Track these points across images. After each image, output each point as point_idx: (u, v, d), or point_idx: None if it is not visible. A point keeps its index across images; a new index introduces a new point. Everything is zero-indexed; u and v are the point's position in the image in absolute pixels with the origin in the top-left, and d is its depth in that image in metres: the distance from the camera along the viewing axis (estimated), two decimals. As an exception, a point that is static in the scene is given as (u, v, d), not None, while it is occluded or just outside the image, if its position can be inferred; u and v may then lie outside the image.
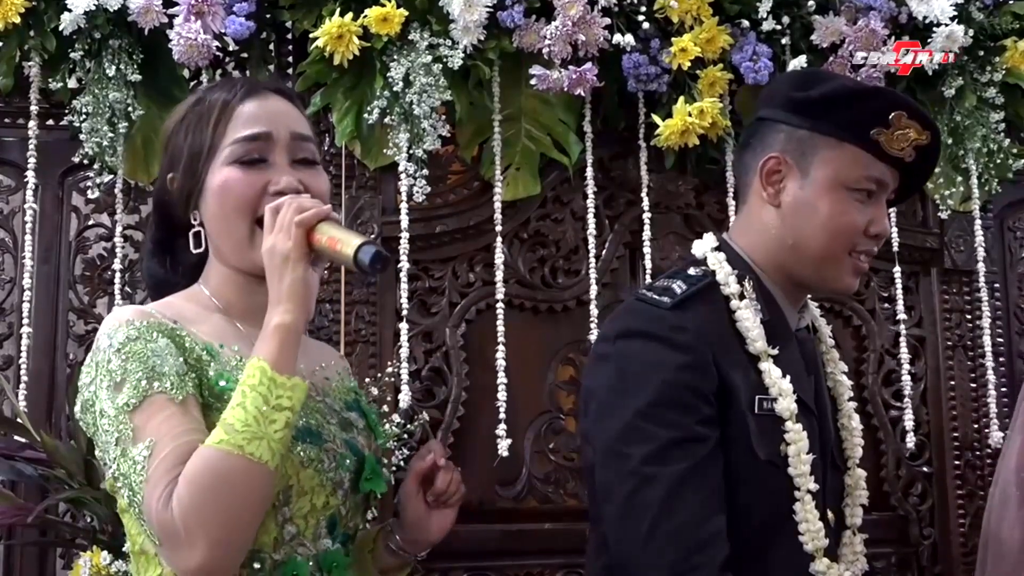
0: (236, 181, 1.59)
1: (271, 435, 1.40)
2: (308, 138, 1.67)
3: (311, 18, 2.57)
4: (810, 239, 1.79)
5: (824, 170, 1.79)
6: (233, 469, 1.38)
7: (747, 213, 1.89)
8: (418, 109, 2.50)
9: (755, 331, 1.76)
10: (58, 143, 2.65)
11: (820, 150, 1.79)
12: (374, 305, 2.61)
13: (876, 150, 1.77)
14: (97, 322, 2.66)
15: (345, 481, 1.59)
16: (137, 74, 2.54)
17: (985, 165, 2.83)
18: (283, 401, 1.42)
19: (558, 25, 2.54)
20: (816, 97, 1.81)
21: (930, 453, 2.90)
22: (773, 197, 1.82)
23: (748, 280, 1.81)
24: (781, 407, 1.73)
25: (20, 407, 2.48)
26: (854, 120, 1.78)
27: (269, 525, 1.50)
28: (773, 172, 1.83)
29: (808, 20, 2.73)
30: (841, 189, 1.78)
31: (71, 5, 2.46)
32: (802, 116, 1.81)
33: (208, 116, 1.63)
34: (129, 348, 1.49)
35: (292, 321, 1.47)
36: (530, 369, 2.74)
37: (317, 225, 1.50)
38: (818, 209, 1.79)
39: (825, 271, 1.81)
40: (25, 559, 2.60)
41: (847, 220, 1.78)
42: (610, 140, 2.78)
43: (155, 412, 1.45)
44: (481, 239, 2.70)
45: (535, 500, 2.72)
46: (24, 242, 2.59)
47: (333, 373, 1.76)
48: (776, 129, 1.84)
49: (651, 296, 1.77)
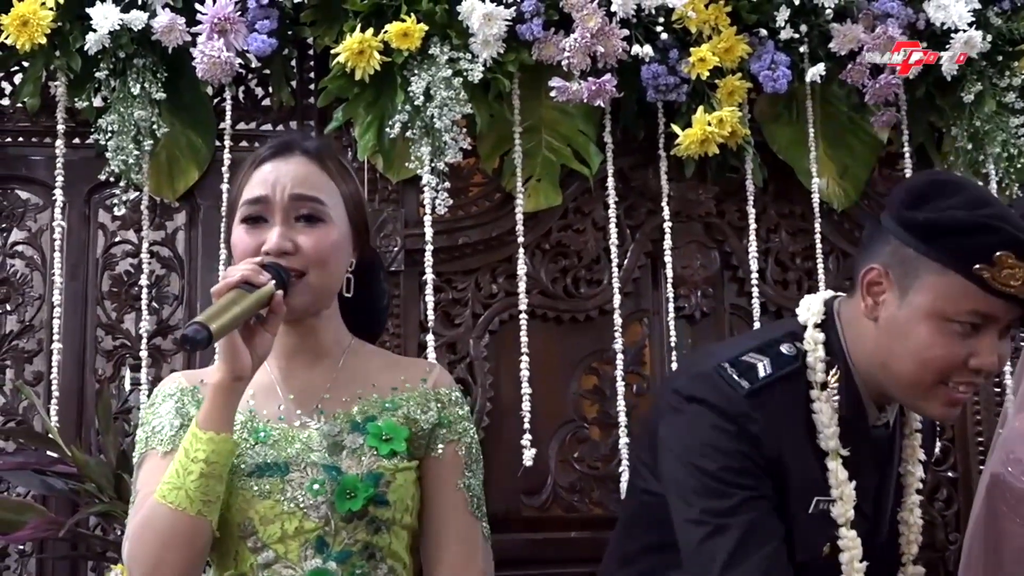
0: (239, 240, 1.73)
1: (188, 485, 1.58)
2: (311, 197, 1.75)
3: (332, 34, 2.60)
4: (899, 364, 1.68)
5: (924, 296, 1.65)
6: (156, 515, 1.59)
7: (853, 310, 1.76)
8: (439, 122, 2.52)
9: (831, 429, 1.70)
10: (84, 161, 2.68)
11: (923, 273, 1.66)
12: (398, 317, 2.64)
13: (982, 284, 1.62)
14: (125, 337, 2.70)
15: (321, 505, 1.68)
16: (161, 92, 2.58)
17: (1005, 170, 2.83)
18: (198, 454, 1.59)
19: (577, 37, 2.56)
20: (924, 220, 1.67)
21: (955, 458, 2.90)
22: (871, 310, 1.71)
23: (836, 371, 1.73)
24: (838, 512, 1.69)
25: (51, 422, 2.51)
26: (959, 251, 1.63)
27: (243, 554, 1.68)
28: (874, 284, 1.71)
29: (826, 28, 2.74)
30: (939, 319, 1.64)
31: (96, 25, 2.50)
32: (910, 234, 1.67)
33: (240, 173, 1.80)
34: (145, 413, 1.79)
35: (219, 380, 1.61)
36: (554, 379, 2.75)
37: (227, 294, 1.61)
38: (911, 335, 1.66)
39: (914, 399, 1.70)
40: (57, 572, 2.63)
41: (940, 353, 1.64)
42: (630, 150, 2.80)
43: (147, 466, 1.71)
44: (503, 250, 2.72)
45: (560, 509, 2.73)
46: (53, 259, 2.63)
47: (384, 391, 1.80)
48: (886, 240, 1.72)
49: (732, 375, 1.69)
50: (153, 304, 2.68)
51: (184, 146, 2.69)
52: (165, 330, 2.71)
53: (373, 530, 1.72)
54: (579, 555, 2.66)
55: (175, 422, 1.73)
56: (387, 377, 1.82)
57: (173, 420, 1.73)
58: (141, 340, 2.62)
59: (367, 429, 1.75)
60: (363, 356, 1.84)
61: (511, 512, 2.68)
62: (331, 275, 1.75)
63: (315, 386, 1.75)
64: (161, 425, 1.73)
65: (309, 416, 1.75)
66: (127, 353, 2.70)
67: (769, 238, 2.90)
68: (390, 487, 1.73)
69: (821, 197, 2.85)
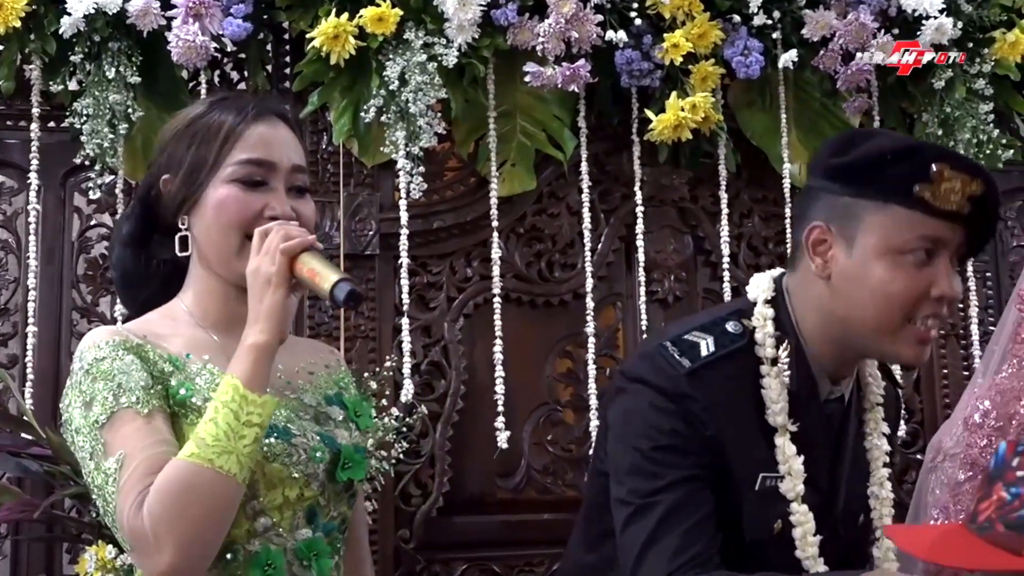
0: (235, 200, 1.65)
1: (240, 449, 1.49)
2: (303, 169, 1.74)
3: (307, 19, 2.60)
4: (862, 310, 1.66)
5: (871, 236, 1.64)
6: (203, 481, 1.47)
7: (798, 282, 1.75)
8: (414, 107, 2.53)
9: (779, 404, 1.69)
10: (59, 145, 2.68)
11: (865, 215, 1.65)
12: (373, 301, 2.65)
13: (924, 207, 1.61)
14: (100, 320, 2.70)
15: (320, 473, 1.64)
16: (136, 76, 2.58)
17: (975, 155, 2.85)
18: (253, 417, 1.51)
19: (551, 22, 2.57)
20: (853, 161, 1.68)
21: (924, 441, 2.93)
22: (822, 269, 1.69)
23: (786, 346, 1.71)
24: (787, 487, 1.69)
25: (26, 405, 2.51)
26: (894, 179, 1.63)
27: (239, 518, 1.56)
28: (819, 242, 1.70)
29: (799, 14, 2.77)
30: (892, 254, 1.63)
31: (71, 9, 2.49)
32: (842, 183, 1.68)
33: (216, 132, 1.69)
34: (97, 368, 1.58)
35: (266, 342, 1.54)
36: (528, 362, 2.78)
37: (300, 255, 1.57)
38: (868, 278, 1.64)
39: (883, 344, 1.67)
40: (32, 554, 2.64)
41: (901, 286, 1.63)
42: (604, 135, 2.82)
43: (123, 426, 1.54)
44: (478, 234, 2.74)
45: (534, 491, 2.75)
46: (28, 243, 2.63)
47: (321, 368, 1.82)
48: (819, 198, 1.72)
49: (673, 354, 1.69)
50: (128, 287, 2.68)
51: (159, 129, 2.68)
52: (140, 313, 2.71)
53: (349, 504, 1.73)
54: (553, 536, 2.68)
55: (146, 378, 1.58)
56: (315, 357, 1.82)
57: (142, 376, 1.58)
58: (116, 323, 2.63)
59: (344, 403, 1.76)
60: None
61: (486, 494, 2.71)
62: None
63: None
64: (130, 382, 1.57)
65: (280, 385, 1.69)
66: (102, 336, 2.70)
67: (742, 223, 2.92)
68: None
69: (793, 183, 2.87)
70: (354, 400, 1.79)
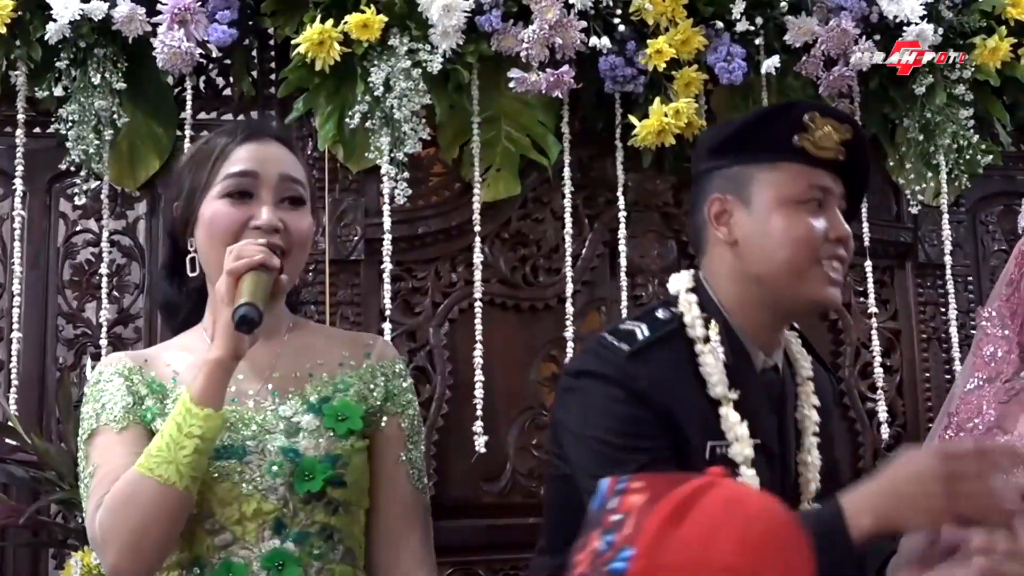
0: (222, 215, 1.75)
1: (180, 459, 1.59)
2: (297, 180, 1.82)
3: (293, 25, 2.62)
4: (771, 261, 1.79)
5: (766, 193, 1.80)
6: (142, 489, 1.60)
7: (710, 261, 1.89)
8: (399, 113, 2.54)
9: (716, 376, 1.77)
10: (45, 151, 2.69)
11: (756, 175, 1.81)
12: (359, 306, 2.66)
13: (807, 157, 1.79)
14: (86, 326, 2.71)
15: (279, 486, 1.71)
16: (122, 82, 2.59)
17: (955, 161, 2.88)
18: (194, 429, 1.60)
19: (535, 29, 2.58)
20: (732, 132, 1.87)
21: (906, 444, 2.95)
22: (728, 236, 1.83)
23: (714, 323, 1.81)
24: (735, 452, 1.74)
25: (11, 411, 2.52)
26: (775, 136, 1.80)
27: (200, 535, 1.69)
28: (720, 213, 1.84)
29: (781, 20, 2.78)
30: (788, 205, 1.79)
31: (56, 15, 2.50)
32: (727, 155, 1.85)
33: (210, 154, 1.81)
34: (90, 391, 1.79)
35: (218, 357, 1.63)
36: (513, 366, 2.78)
37: (245, 274, 1.65)
38: (771, 230, 1.79)
39: (798, 289, 1.79)
40: (18, 559, 2.64)
41: (802, 231, 1.78)
42: (588, 140, 2.83)
43: (100, 442, 1.72)
44: (463, 239, 2.75)
45: (519, 495, 2.75)
46: (13, 248, 2.64)
47: (330, 368, 1.86)
48: (711, 178, 1.87)
49: (611, 341, 1.78)
50: (114, 293, 2.69)
51: (145, 136, 2.70)
52: (126, 319, 2.72)
53: (331, 511, 1.75)
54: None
55: (127, 400, 1.74)
56: (332, 353, 1.87)
57: (125, 397, 1.75)
58: (102, 329, 2.64)
59: (323, 411, 1.79)
60: (306, 332, 1.90)
61: (471, 499, 2.71)
62: (305, 256, 1.85)
63: (262, 364, 1.78)
64: (112, 402, 1.74)
65: (262, 397, 1.78)
66: (88, 342, 2.71)
67: (725, 228, 2.93)
68: (347, 468, 1.78)
69: (776, 188, 2.88)
70: (340, 406, 1.81)
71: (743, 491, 1.12)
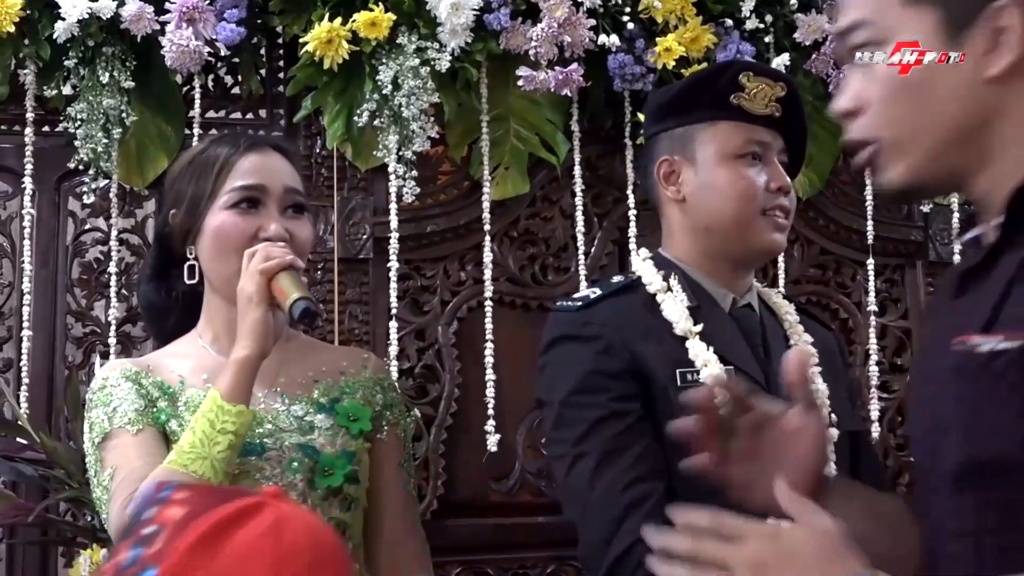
0: (231, 225, 1.79)
1: (214, 455, 1.62)
2: (298, 191, 1.87)
3: (301, 23, 2.61)
4: (719, 213, 1.89)
5: (708, 149, 1.90)
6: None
7: (665, 224, 2.01)
8: (407, 111, 2.54)
9: (678, 314, 1.84)
10: (54, 149, 2.68)
11: (698, 135, 1.91)
12: (367, 304, 2.66)
13: (743, 115, 1.89)
14: (95, 324, 2.71)
15: (298, 482, 1.74)
16: (130, 81, 2.58)
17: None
18: (227, 425, 1.63)
19: (544, 27, 2.58)
20: (674, 94, 1.99)
21: (905, 420, 2.94)
22: (677, 193, 1.93)
23: (673, 276, 1.90)
24: (706, 375, 1.78)
25: (20, 409, 2.52)
26: (713, 97, 1.90)
27: None
28: (668, 173, 1.94)
29: (791, 18, 2.77)
30: (729, 159, 1.89)
31: (65, 14, 2.50)
32: (671, 117, 1.95)
33: (212, 164, 1.84)
34: (98, 396, 1.80)
35: (247, 356, 1.68)
36: (522, 365, 2.76)
37: (278, 274, 1.70)
38: (716, 184, 1.89)
39: (746, 237, 1.89)
40: (27, 558, 2.64)
41: (745, 183, 1.88)
42: (597, 139, 2.82)
43: (116, 444, 1.74)
44: (471, 238, 2.74)
45: (528, 494, 2.75)
46: (22, 247, 2.64)
47: (332, 375, 1.90)
48: (658, 141, 1.97)
49: (564, 303, 1.91)
50: (123, 291, 2.69)
51: (153, 134, 2.70)
52: (135, 317, 2.71)
53: (345, 507, 1.79)
54: (547, 539, 2.70)
55: (139, 402, 1.76)
56: (333, 361, 1.92)
57: (136, 400, 1.77)
58: (110, 327, 2.64)
59: (335, 410, 1.82)
60: (299, 343, 1.95)
61: (479, 497, 2.71)
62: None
63: (267, 369, 1.80)
64: (124, 405, 1.76)
65: (271, 399, 1.81)
66: (97, 340, 2.70)
67: (734, 226, 2.92)
68: (360, 466, 1.81)
69: (786, 186, 2.88)
70: (350, 407, 1.84)
71: (291, 520, 0.96)
